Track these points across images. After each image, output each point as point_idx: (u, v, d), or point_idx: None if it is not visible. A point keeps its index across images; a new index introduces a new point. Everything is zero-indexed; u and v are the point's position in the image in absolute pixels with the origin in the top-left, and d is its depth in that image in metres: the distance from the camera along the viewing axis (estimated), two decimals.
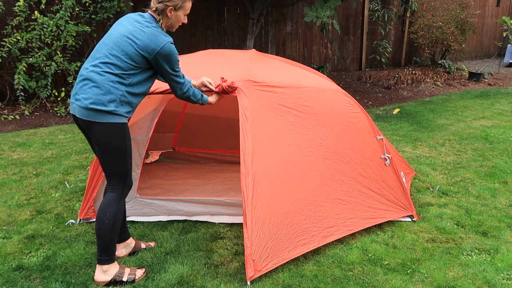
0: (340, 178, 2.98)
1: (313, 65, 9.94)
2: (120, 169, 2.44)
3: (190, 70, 3.21)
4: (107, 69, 2.32)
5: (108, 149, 2.39)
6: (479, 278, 2.58)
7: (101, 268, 2.46)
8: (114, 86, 2.33)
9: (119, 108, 2.35)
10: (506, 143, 5.22)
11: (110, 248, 2.45)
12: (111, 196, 2.48)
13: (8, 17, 6.39)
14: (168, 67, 2.42)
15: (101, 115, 2.33)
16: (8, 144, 5.12)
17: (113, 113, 2.34)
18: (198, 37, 8.68)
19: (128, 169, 2.49)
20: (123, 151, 2.42)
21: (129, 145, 2.46)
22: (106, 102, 2.31)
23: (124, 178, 2.48)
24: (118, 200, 2.48)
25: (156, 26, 2.42)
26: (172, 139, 4.50)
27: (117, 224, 2.47)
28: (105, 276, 2.46)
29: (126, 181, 2.50)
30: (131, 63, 2.34)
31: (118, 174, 2.45)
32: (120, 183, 2.47)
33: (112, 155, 2.41)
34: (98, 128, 2.35)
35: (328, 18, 6.31)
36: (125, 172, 2.47)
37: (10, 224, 3.20)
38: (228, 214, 3.26)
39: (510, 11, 14.22)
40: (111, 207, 2.45)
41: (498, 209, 3.48)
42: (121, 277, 2.47)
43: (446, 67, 10.51)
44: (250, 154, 2.57)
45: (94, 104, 2.30)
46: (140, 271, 2.56)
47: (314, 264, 2.70)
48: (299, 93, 3.01)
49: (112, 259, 2.48)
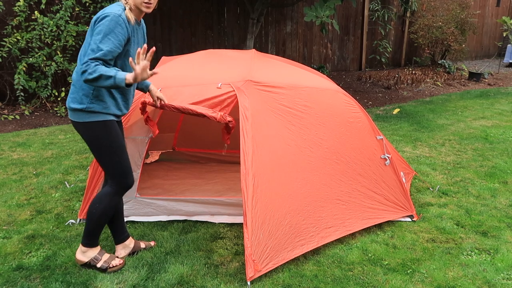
0: (339, 178, 2.98)
1: (313, 65, 9.94)
2: (113, 166, 2.44)
3: (190, 71, 3.21)
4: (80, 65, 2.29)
5: (93, 148, 2.41)
6: (479, 278, 2.58)
7: (81, 249, 2.59)
8: None
9: (94, 105, 2.33)
10: (506, 143, 5.22)
11: (92, 235, 2.55)
12: (105, 190, 2.51)
13: (8, 17, 6.38)
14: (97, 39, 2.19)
15: (80, 115, 2.34)
16: (8, 144, 5.12)
17: (89, 111, 2.33)
18: (198, 37, 8.68)
19: (124, 167, 2.46)
20: (109, 149, 2.40)
21: (117, 142, 2.42)
22: (79, 98, 2.32)
23: (120, 176, 2.46)
24: (112, 196, 2.49)
25: (118, 4, 2.33)
26: (172, 139, 4.49)
27: (104, 218, 2.51)
28: (82, 257, 2.59)
29: (124, 179, 2.48)
30: None
31: (111, 171, 2.46)
32: (115, 180, 2.48)
33: (101, 154, 2.42)
34: (80, 128, 2.39)
35: (328, 18, 6.31)
36: (119, 169, 2.45)
37: (10, 224, 3.20)
38: (228, 214, 3.26)
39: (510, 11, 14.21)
40: (102, 199, 2.50)
41: (498, 209, 3.48)
42: (96, 262, 2.58)
43: (446, 67, 10.51)
44: (250, 154, 2.57)
45: (72, 102, 2.34)
46: (117, 261, 2.62)
47: (314, 264, 2.70)
48: (299, 93, 3.01)
49: (92, 245, 2.57)
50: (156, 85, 2.88)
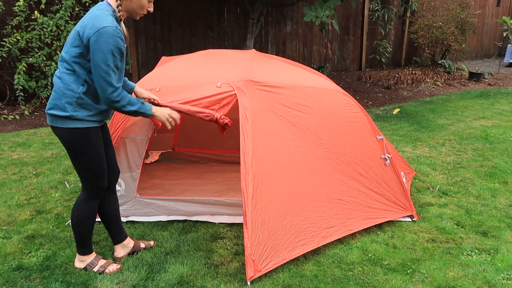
0: (340, 178, 2.98)
1: (313, 65, 9.94)
2: (87, 172, 2.40)
3: (190, 70, 3.21)
4: (63, 69, 2.26)
5: (72, 154, 2.36)
6: (479, 278, 2.58)
7: (78, 257, 2.63)
8: (70, 88, 2.24)
9: (78, 112, 2.26)
10: (506, 143, 5.22)
11: (82, 242, 2.57)
12: (81, 197, 2.50)
13: (8, 17, 6.38)
14: (100, 58, 2.12)
15: (60, 120, 2.28)
16: (8, 144, 5.12)
17: (72, 118, 2.26)
18: (198, 37, 8.68)
19: (97, 173, 2.42)
20: (87, 156, 2.35)
21: (96, 149, 2.37)
22: (62, 106, 2.25)
23: (92, 181, 2.44)
24: (87, 201, 2.48)
25: (106, 10, 2.20)
26: (172, 139, 4.49)
27: (86, 223, 2.51)
28: (80, 264, 2.63)
29: (96, 184, 2.45)
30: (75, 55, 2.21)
31: (85, 176, 2.43)
32: (88, 185, 2.45)
33: (78, 160, 2.37)
34: (59, 133, 2.32)
35: (328, 18, 6.31)
36: (92, 175, 2.42)
37: (10, 224, 3.20)
38: (228, 214, 3.26)
39: (510, 11, 14.21)
40: (79, 207, 2.49)
41: (498, 209, 3.48)
42: (92, 267, 2.59)
43: (446, 67, 10.51)
44: (250, 154, 2.57)
45: (53, 109, 2.27)
46: (114, 266, 2.61)
47: (314, 264, 2.70)
48: (299, 93, 3.01)
49: (86, 252, 2.60)
50: (156, 85, 2.88)
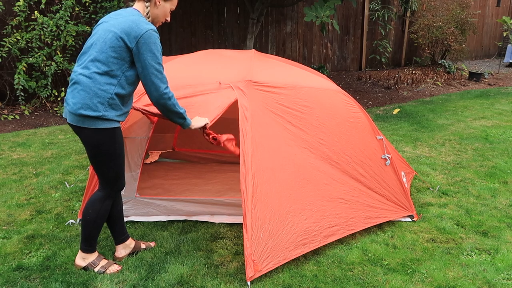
0: (341, 177, 2.98)
1: (313, 65, 9.94)
2: (110, 172, 2.43)
3: (190, 70, 3.21)
4: (95, 69, 2.25)
5: (97, 153, 2.37)
6: (479, 278, 2.58)
7: (81, 255, 2.61)
8: (102, 88, 2.26)
9: (109, 112, 2.28)
10: (506, 143, 5.22)
11: (89, 240, 2.56)
12: (97, 195, 2.51)
13: (8, 17, 6.38)
14: (151, 57, 2.26)
15: (90, 121, 2.27)
16: (8, 144, 5.12)
17: (102, 118, 2.27)
18: (198, 37, 8.68)
19: (118, 172, 2.46)
20: (112, 156, 2.39)
21: (120, 149, 2.41)
22: (94, 106, 2.25)
23: (114, 181, 2.47)
24: (104, 200, 2.50)
25: (139, 15, 2.34)
26: (172, 139, 4.49)
27: (99, 222, 2.51)
28: (82, 262, 2.61)
29: (116, 183, 2.49)
30: (115, 56, 2.25)
31: (107, 176, 2.45)
32: (109, 184, 2.48)
33: (101, 160, 2.39)
34: (86, 133, 2.31)
35: (328, 18, 6.31)
36: (114, 175, 2.45)
37: (10, 224, 3.20)
38: (228, 214, 3.26)
39: (510, 11, 14.22)
40: (95, 205, 2.49)
41: (498, 209, 3.48)
42: (93, 267, 2.59)
43: (446, 67, 10.51)
44: (250, 154, 2.57)
45: (82, 109, 2.25)
46: (114, 267, 2.61)
47: (314, 264, 2.70)
48: (299, 93, 3.01)
49: (91, 250, 2.59)
50: None
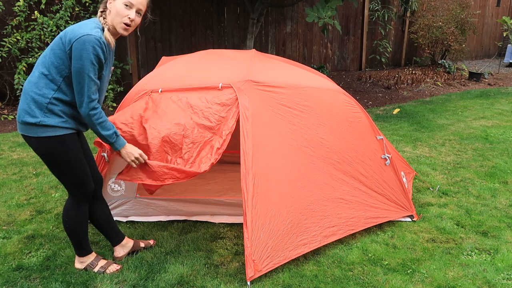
0: (341, 177, 2.98)
1: (313, 65, 9.94)
2: (71, 179, 2.34)
3: (190, 70, 3.21)
4: (36, 72, 2.17)
5: (49, 163, 2.27)
6: (479, 278, 2.58)
7: (78, 259, 2.62)
8: (39, 92, 2.13)
9: (49, 119, 2.13)
10: (506, 143, 5.22)
11: (79, 245, 2.57)
12: (68, 203, 2.46)
13: (8, 17, 6.38)
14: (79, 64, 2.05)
15: (31, 129, 2.15)
16: (8, 144, 5.12)
17: (42, 125, 2.13)
18: (198, 37, 8.68)
19: (80, 179, 2.35)
20: (67, 164, 2.26)
21: (76, 156, 2.27)
22: (31, 111, 2.12)
23: (77, 187, 2.38)
24: (77, 207, 2.44)
25: (92, 21, 2.18)
26: None
27: (79, 228, 2.49)
28: (80, 265, 2.63)
29: (80, 189, 2.39)
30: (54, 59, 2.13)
31: (69, 184, 2.37)
32: (74, 191, 2.40)
33: (57, 168, 2.29)
34: (33, 143, 2.20)
35: (330, 19, 6.31)
36: (76, 182, 2.35)
37: (10, 224, 3.20)
38: (228, 214, 3.26)
39: (510, 11, 14.22)
40: (70, 214, 2.45)
41: (498, 209, 3.48)
42: (92, 267, 2.59)
43: (446, 67, 10.51)
44: (250, 154, 2.57)
45: (22, 115, 2.16)
46: (114, 266, 2.61)
47: (314, 264, 2.70)
48: (300, 93, 3.01)
49: (86, 253, 2.60)
50: (156, 85, 2.87)
